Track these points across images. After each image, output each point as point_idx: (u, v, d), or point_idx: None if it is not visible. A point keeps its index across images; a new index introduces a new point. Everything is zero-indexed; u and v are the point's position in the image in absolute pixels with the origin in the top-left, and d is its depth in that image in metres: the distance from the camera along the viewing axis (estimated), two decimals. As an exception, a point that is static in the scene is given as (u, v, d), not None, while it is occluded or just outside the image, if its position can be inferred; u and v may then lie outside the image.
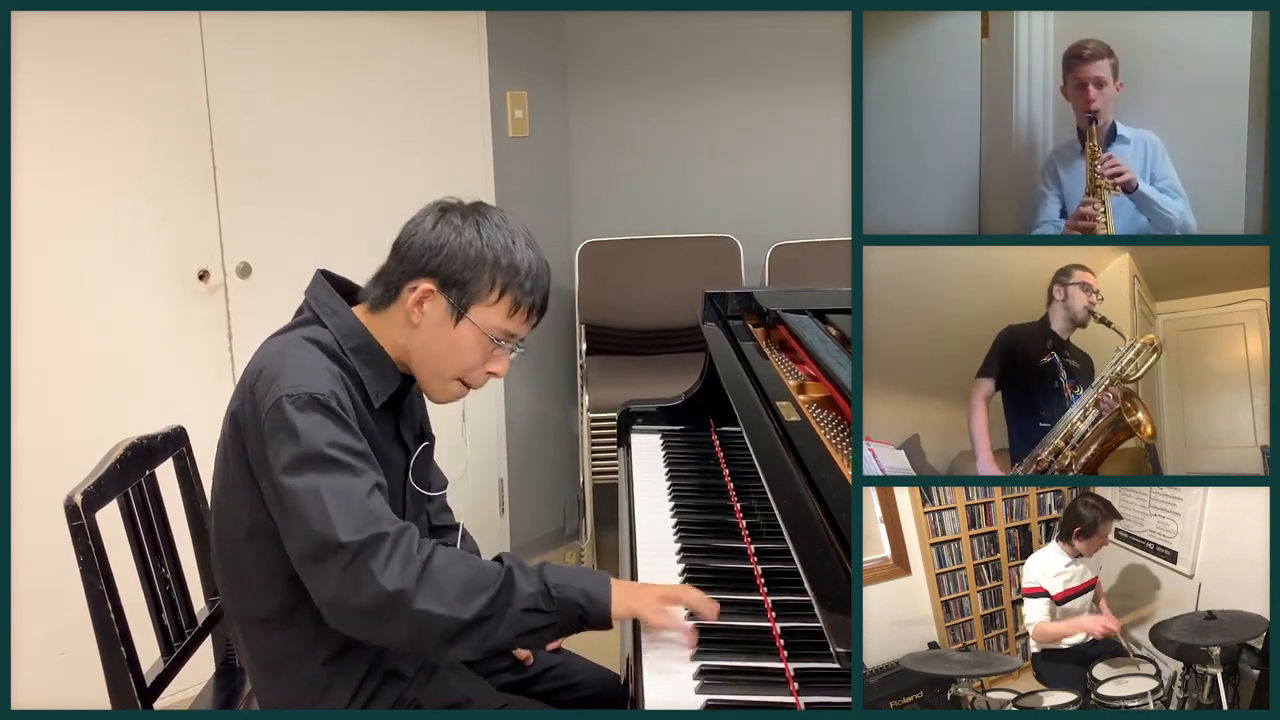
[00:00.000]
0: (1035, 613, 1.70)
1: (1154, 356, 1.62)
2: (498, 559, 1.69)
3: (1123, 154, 1.73)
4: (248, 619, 1.81)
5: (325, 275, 1.86)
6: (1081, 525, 1.66)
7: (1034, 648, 1.70)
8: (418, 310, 1.76)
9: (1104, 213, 1.72)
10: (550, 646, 2.08)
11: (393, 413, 1.85)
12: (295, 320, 1.83)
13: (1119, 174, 1.72)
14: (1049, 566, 1.70)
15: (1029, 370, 1.67)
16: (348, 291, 1.86)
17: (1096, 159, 1.73)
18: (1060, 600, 1.69)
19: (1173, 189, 1.72)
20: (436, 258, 1.74)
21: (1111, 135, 1.74)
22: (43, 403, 2.97)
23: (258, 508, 1.71)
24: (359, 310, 1.82)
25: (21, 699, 2.95)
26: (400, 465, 1.88)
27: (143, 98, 3.09)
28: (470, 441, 3.91)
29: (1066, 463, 1.63)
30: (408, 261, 1.77)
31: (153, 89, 3.11)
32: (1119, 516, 1.68)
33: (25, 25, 2.84)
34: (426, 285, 1.75)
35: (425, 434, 1.99)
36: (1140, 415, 1.60)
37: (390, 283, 1.79)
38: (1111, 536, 1.68)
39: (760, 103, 4.36)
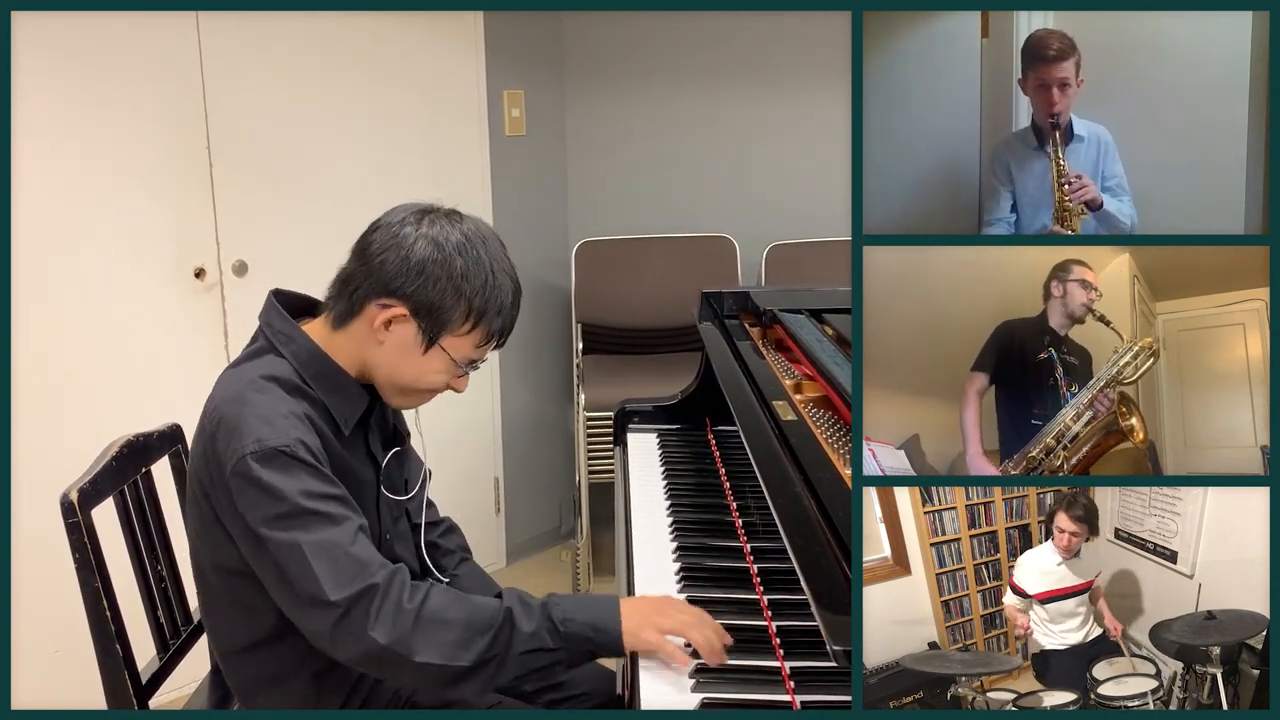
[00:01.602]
0: (1009, 600, 1.73)
1: (1151, 360, 1.62)
2: (498, 595, 1.66)
3: (1077, 152, 1.73)
4: (230, 650, 1.79)
5: (278, 296, 1.79)
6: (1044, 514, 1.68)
7: (1033, 647, 1.70)
8: (383, 330, 1.69)
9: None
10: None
11: (360, 429, 1.80)
12: (251, 349, 1.76)
13: (1087, 196, 1.71)
14: (1036, 564, 1.71)
15: (1025, 366, 1.66)
16: (305, 308, 1.80)
17: (1063, 177, 1.71)
18: (1043, 600, 1.69)
19: (1120, 187, 1.72)
20: (413, 281, 1.66)
21: (1069, 133, 1.74)
22: (38, 400, 2.96)
23: (228, 548, 1.68)
24: (316, 326, 1.75)
25: (19, 699, 2.94)
26: (372, 480, 1.83)
27: (140, 96, 3.09)
28: (465, 441, 3.92)
29: (1058, 463, 1.63)
30: (377, 277, 1.68)
31: (150, 88, 3.11)
32: (1074, 511, 1.67)
33: (23, 24, 2.83)
34: (399, 310, 1.68)
35: (397, 437, 1.93)
36: (1134, 420, 1.60)
37: (355, 295, 1.70)
38: (1068, 529, 1.67)
39: (757, 102, 4.36)
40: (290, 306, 1.78)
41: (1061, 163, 1.72)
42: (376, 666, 1.58)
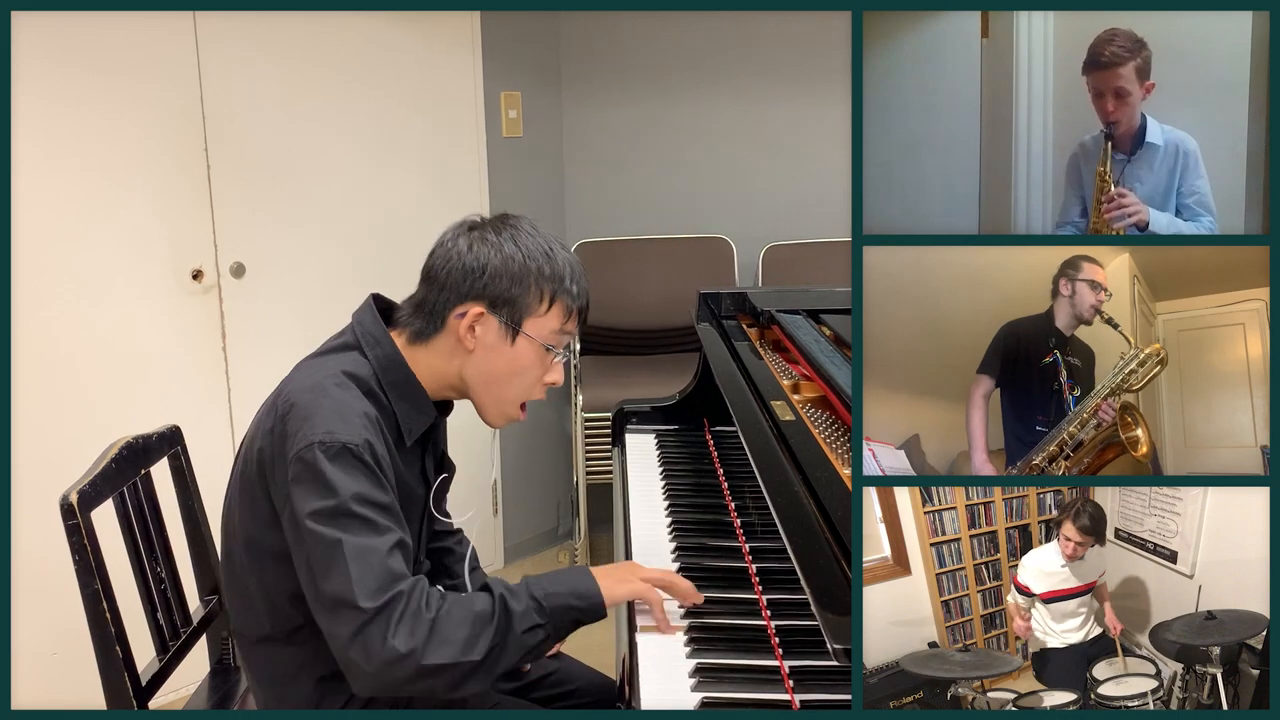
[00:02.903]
0: (1013, 599, 1.73)
1: (1159, 368, 1.61)
2: (484, 588, 1.68)
3: (1150, 161, 1.66)
4: (251, 638, 1.80)
5: (375, 300, 1.82)
6: (1051, 522, 1.68)
7: (1033, 646, 1.70)
8: (470, 335, 1.73)
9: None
10: (549, 652, 2.09)
11: (419, 447, 1.83)
12: (336, 343, 1.79)
13: (1127, 219, 1.65)
14: (1039, 564, 1.71)
15: (1030, 370, 1.66)
16: (385, 310, 1.83)
17: (1104, 192, 1.66)
18: (1047, 599, 1.69)
19: (1200, 205, 1.65)
20: (481, 279, 1.71)
21: (1139, 139, 1.67)
22: (37, 402, 2.96)
23: (269, 529, 1.69)
24: (396, 338, 1.78)
25: (17, 699, 2.93)
26: (420, 498, 1.87)
27: (137, 97, 3.08)
28: (463, 442, 3.91)
29: (1061, 471, 1.63)
30: (449, 288, 1.73)
31: (147, 89, 3.10)
32: (1080, 522, 1.67)
33: (20, 25, 2.83)
34: (477, 309, 1.72)
35: (445, 465, 1.97)
36: (1139, 431, 1.60)
37: (434, 313, 1.74)
38: (1074, 539, 1.67)
39: (754, 104, 4.36)
40: (382, 313, 1.81)
41: (1106, 178, 1.66)
42: (390, 675, 1.57)
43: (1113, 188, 1.67)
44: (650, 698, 1.59)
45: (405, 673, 1.56)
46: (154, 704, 1.96)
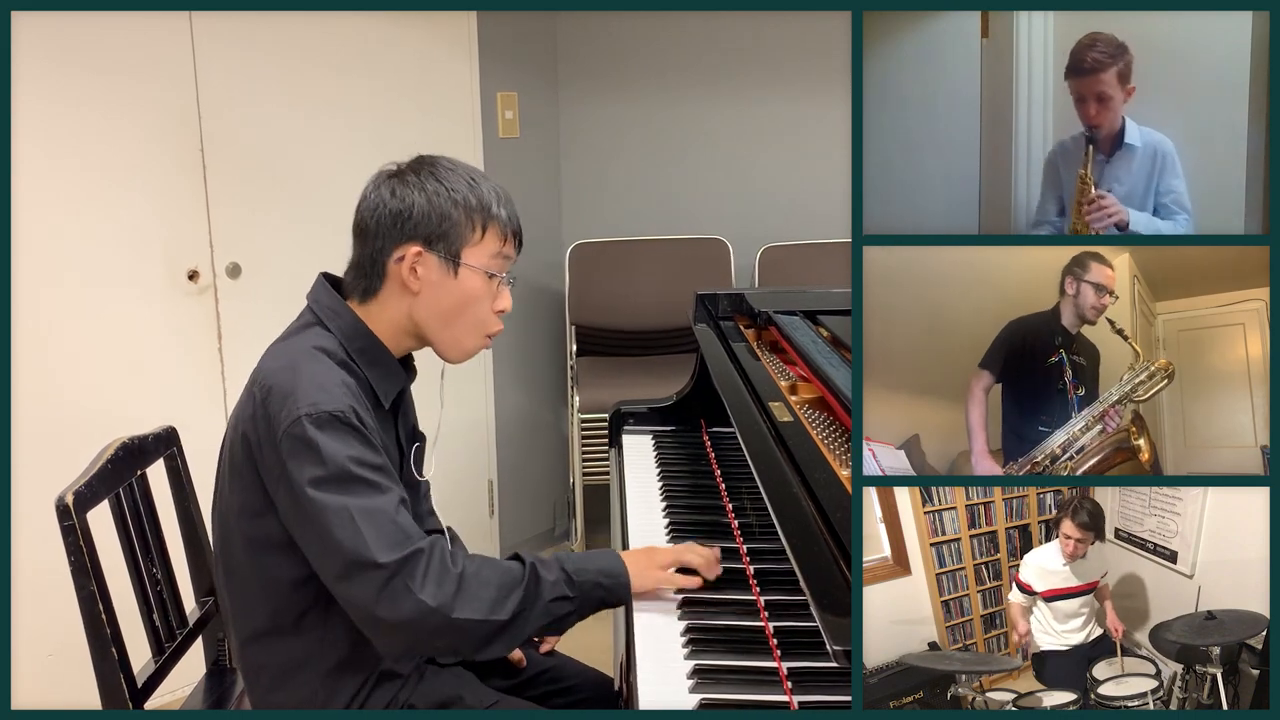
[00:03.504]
0: (1014, 598, 1.73)
1: (1165, 382, 1.62)
2: (514, 557, 1.73)
3: (1128, 163, 1.69)
4: (249, 634, 1.80)
5: (326, 277, 1.85)
6: (1051, 522, 1.68)
7: (1033, 647, 1.70)
8: (414, 277, 1.75)
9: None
10: (544, 649, 2.10)
11: (392, 412, 1.86)
12: (298, 324, 1.82)
13: (1106, 221, 1.67)
14: (1041, 564, 1.71)
15: (1034, 368, 1.66)
16: (335, 286, 1.86)
17: (1084, 195, 1.68)
18: (1048, 598, 1.69)
19: (1176, 204, 1.67)
20: (410, 220, 1.74)
21: (1118, 141, 1.70)
22: (33, 403, 2.95)
23: (265, 517, 1.70)
24: (352, 306, 1.81)
25: (17, 700, 2.93)
26: (397, 464, 1.87)
27: (133, 97, 3.08)
28: (459, 443, 3.91)
29: (1064, 473, 1.63)
30: (381, 236, 1.76)
31: (142, 88, 3.10)
32: (1079, 519, 1.67)
33: (20, 25, 2.82)
34: (414, 249, 1.74)
35: (416, 435, 1.98)
36: (1143, 440, 1.61)
37: (374, 264, 1.78)
38: (1075, 536, 1.67)
39: (752, 104, 4.36)
40: (334, 288, 1.85)
41: (1087, 181, 1.68)
42: (419, 630, 1.61)
43: (1093, 190, 1.69)
44: (649, 698, 1.59)
45: (434, 625, 1.59)
46: (150, 705, 1.95)
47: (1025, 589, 1.70)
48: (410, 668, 1.86)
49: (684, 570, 1.84)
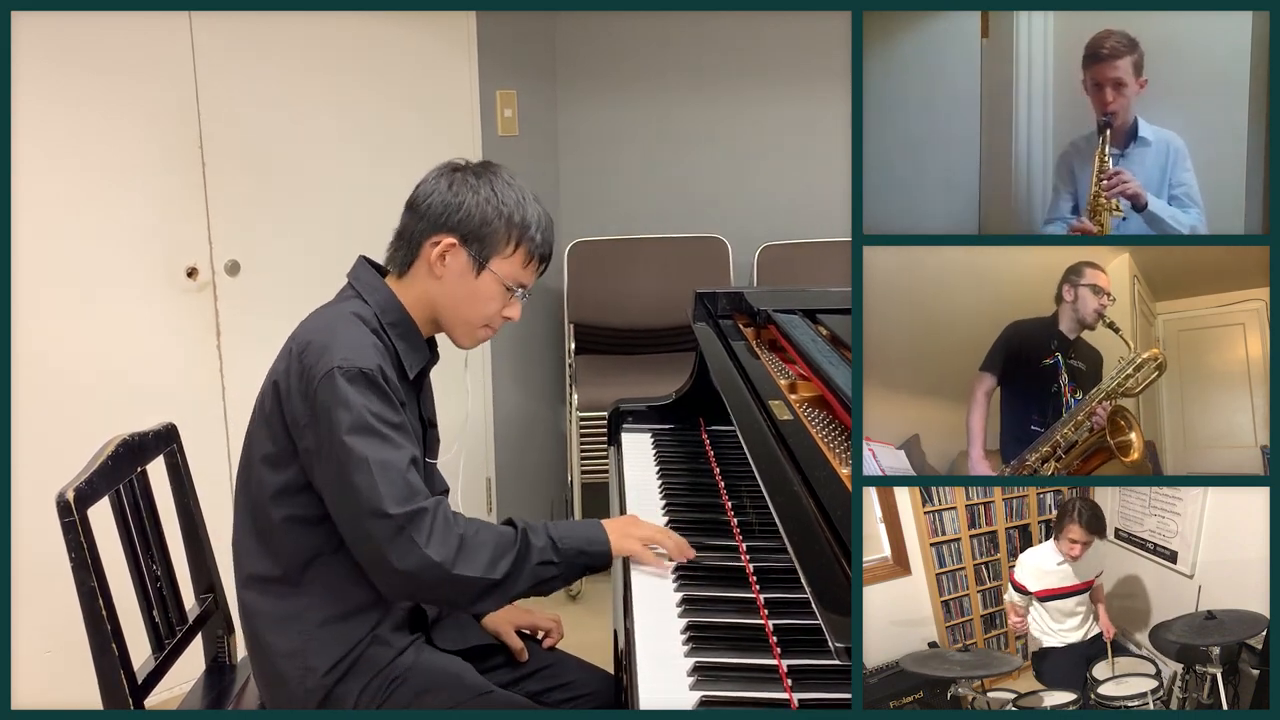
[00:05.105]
0: (1010, 597, 1.74)
1: (1157, 373, 1.62)
2: (508, 522, 1.83)
3: (1142, 156, 1.71)
4: (253, 575, 1.90)
5: (365, 260, 1.99)
6: (1051, 521, 1.68)
7: (1033, 646, 1.70)
8: (440, 263, 1.89)
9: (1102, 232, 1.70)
10: (546, 644, 2.11)
11: (416, 390, 1.97)
12: (338, 297, 1.96)
13: (1126, 190, 1.70)
14: (1037, 563, 1.71)
15: (1031, 370, 1.66)
16: (379, 271, 1.99)
17: (1103, 172, 1.70)
18: (1043, 598, 1.69)
19: (1187, 197, 1.70)
20: (456, 215, 1.87)
21: (1132, 135, 1.73)
22: (32, 400, 2.95)
23: (289, 468, 1.82)
24: (390, 281, 1.94)
25: (16, 699, 2.92)
26: (419, 440, 1.97)
27: (132, 96, 3.08)
28: (457, 441, 3.91)
29: (1051, 473, 1.63)
30: (427, 219, 1.89)
31: (142, 87, 3.09)
32: (1082, 522, 1.67)
33: (20, 25, 2.82)
34: (450, 240, 1.87)
35: (433, 420, 2.09)
36: (1132, 435, 1.61)
37: (411, 240, 1.91)
38: (1079, 538, 1.67)
39: (751, 103, 4.35)
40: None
41: (1105, 159, 1.71)
42: (421, 581, 1.73)
43: (1110, 166, 1.72)
44: (649, 697, 1.59)
45: (436, 579, 1.72)
46: (149, 702, 1.96)
47: (1020, 589, 1.70)
48: (407, 642, 1.92)
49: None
